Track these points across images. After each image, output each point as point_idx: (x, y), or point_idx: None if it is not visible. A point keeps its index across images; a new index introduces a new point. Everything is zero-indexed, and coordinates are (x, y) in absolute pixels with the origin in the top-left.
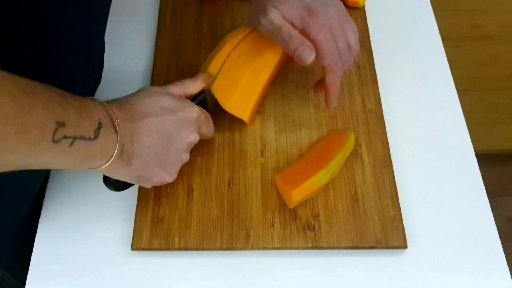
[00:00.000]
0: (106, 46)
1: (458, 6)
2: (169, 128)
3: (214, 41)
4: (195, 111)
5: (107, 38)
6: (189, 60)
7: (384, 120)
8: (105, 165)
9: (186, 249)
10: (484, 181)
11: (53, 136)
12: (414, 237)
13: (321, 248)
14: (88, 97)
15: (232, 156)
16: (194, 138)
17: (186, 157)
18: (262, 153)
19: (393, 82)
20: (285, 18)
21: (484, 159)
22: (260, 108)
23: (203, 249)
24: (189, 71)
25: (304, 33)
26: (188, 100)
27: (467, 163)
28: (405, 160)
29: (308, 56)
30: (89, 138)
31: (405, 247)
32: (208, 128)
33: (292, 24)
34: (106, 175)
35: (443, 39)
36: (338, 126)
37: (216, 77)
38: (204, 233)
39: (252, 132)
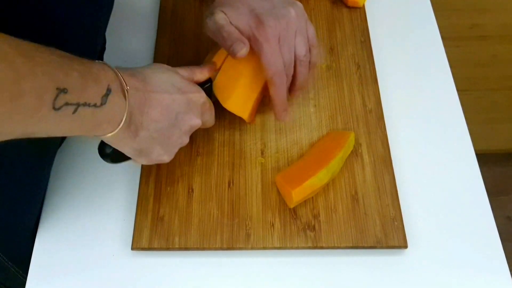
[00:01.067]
0: (106, 46)
1: (458, 5)
2: (178, 107)
3: (214, 41)
4: (202, 96)
5: (107, 38)
6: (189, 60)
7: (384, 119)
8: (112, 133)
9: (186, 249)
10: (484, 181)
11: (54, 103)
12: (414, 237)
13: (321, 247)
14: (98, 60)
15: (232, 156)
16: (197, 122)
17: (186, 139)
18: (262, 153)
19: (393, 81)
20: (231, 23)
21: (484, 159)
22: (260, 108)
23: (203, 249)
24: None
25: (250, 42)
26: (197, 85)
27: (467, 163)
28: (405, 160)
29: (240, 49)
30: (95, 105)
31: (405, 246)
32: (210, 117)
33: (239, 30)
34: (109, 144)
35: (443, 38)
36: (338, 126)
37: (216, 75)
38: (204, 233)
39: (252, 132)
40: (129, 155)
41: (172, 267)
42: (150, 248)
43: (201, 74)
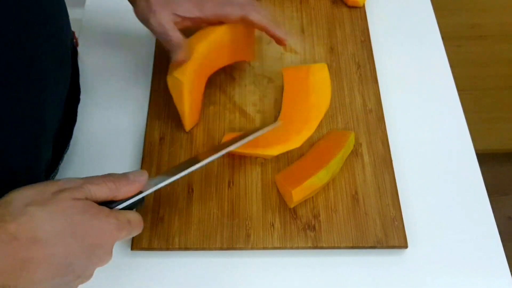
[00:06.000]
0: (106, 46)
1: (459, 5)
2: (74, 258)
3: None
4: (120, 225)
5: (107, 37)
6: None
7: (384, 119)
8: None
9: (186, 249)
10: (484, 181)
11: None
12: (415, 236)
13: (322, 247)
14: None
15: (232, 156)
16: (106, 261)
17: (105, 261)
18: None
19: (393, 81)
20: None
21: (484, 158)
22: (260, 108)
23: (203, 249)
24: None
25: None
26: (103, 207)
27: (468, 163)
28: (406, 160)
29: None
30: None
31: (406, 246)
32: (136, 231)
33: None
34: None
35: (443, 38)
36: (338, 125)
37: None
38: (204, 233)
39: None
40: None
41: (172, 267)
42: (150, 248)
43: (129, 188)
